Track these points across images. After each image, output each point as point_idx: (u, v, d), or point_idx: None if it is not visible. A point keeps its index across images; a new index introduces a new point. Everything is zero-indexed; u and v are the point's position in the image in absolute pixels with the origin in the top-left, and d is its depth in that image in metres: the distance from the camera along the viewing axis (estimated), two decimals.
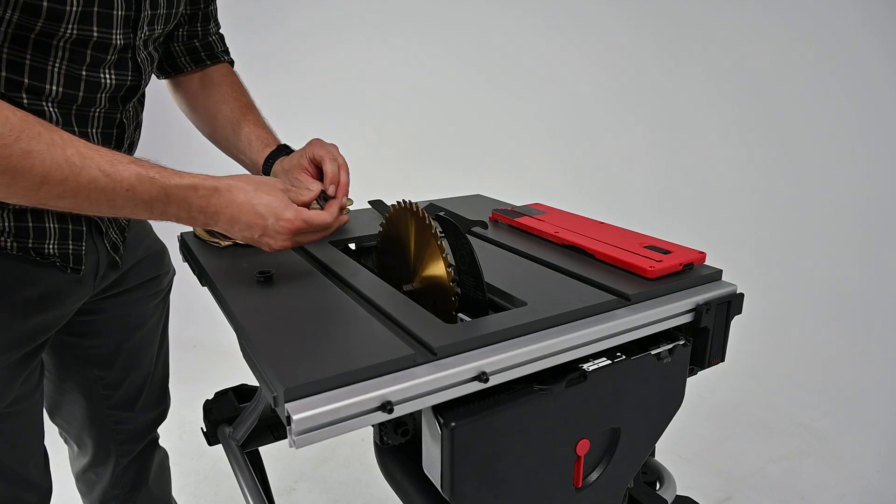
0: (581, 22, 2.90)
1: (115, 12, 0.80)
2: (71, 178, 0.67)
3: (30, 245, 0.83)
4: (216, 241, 1.02)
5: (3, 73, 0.75)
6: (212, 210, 0.76)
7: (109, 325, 1.07)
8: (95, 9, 0.77)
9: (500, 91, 3.05)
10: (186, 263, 1.07)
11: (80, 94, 0.82)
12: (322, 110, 3.15)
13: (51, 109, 0.80)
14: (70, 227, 0.88)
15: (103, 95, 0.85)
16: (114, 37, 0.82)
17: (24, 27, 0.73)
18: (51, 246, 0.86)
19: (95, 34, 0.79)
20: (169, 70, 1.12)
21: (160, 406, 1.23)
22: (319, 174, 0.99)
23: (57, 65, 0.78)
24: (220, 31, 1.15)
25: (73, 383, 1.10)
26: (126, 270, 1.05)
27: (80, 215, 0.90)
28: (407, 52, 3.10)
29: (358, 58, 3.16)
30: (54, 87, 0.79)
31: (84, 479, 1.22)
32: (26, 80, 0.76)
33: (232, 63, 1.18)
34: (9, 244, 0.82)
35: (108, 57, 0.83)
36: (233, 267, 0.93)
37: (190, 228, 1.10)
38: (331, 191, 0.93)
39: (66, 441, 1.21)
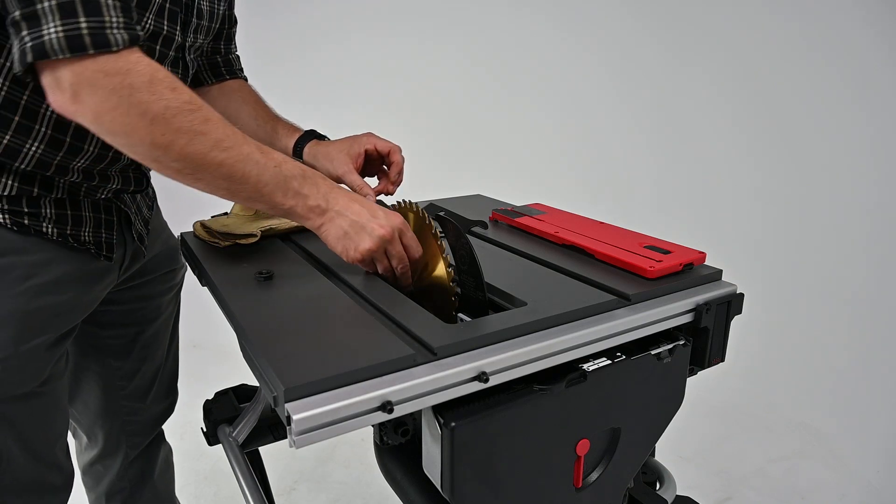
0: (581, 21, 2.91)
1: (179, 12, 0.89)
2: (235, 147, 0.75)
3: (68, 232, 0.88)
4: (216, 241, 1.02)
5: None
6: (333, 196, 0.85)
7: (128, 315, 1.12)
8: (168, 5, 0.85)
9: (500, 91, 3.05)
10: (186, 263, 1.08)
11: None
12: (320, 110, 3.15)
13: None
14: (103, 216, 0.94)
15: None
16: (177, 34, 0.89)
17: None
18: (86, 233, 0.91)
19: (166, 28, 0.86)
20: (189, 85, 1.15)
21: (169, 398, 1.27)
22: (365, 168, 1.08)
23: None
24: (237, 53, 1.23)
25: (90, 373, 1.14)
26: (145, 263, 1.09)
27: (112, 207, 0.96)
28: (406, 51, 3.10)
29: (357, 57, 3.16)
30: None
31: (91, 472, 1.24)
32: None
33: (246, 80, 1.25)
34: (49, 230, 0.86)
35: (170, 53, 0.90)
36: (233, 267, 0.93)
37: (190, 228, 1.11)
38: (390, 189, 1.09)
39: (74, 434, 1.23)
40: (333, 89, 3.18)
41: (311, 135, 1.13)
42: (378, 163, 1.11)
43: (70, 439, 1.20)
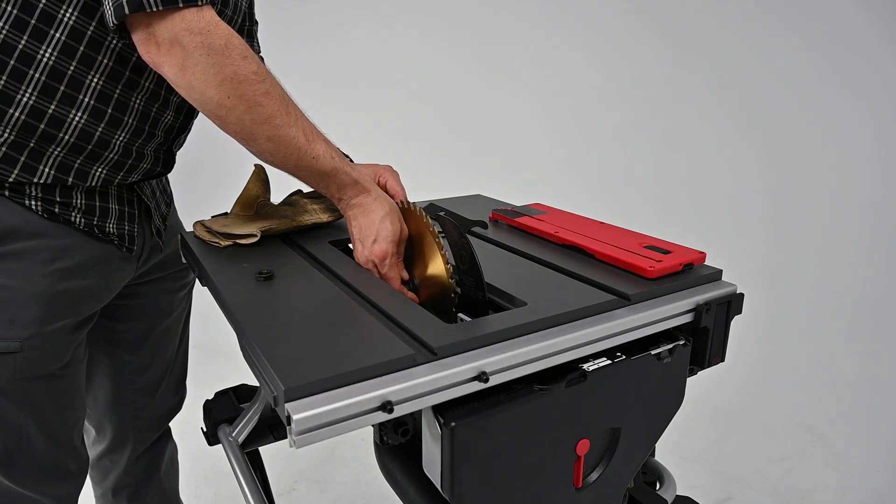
0: (582, 21, 2.91)
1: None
2: (284, 128, 0.82)
3: (94, 223, 0.92)
4: (216, 241, 1.02)
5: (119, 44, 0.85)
6: (356, 203, 0.93)
7: (141, 310, 1.16)
8: None
9: (500, 90, 3.05)
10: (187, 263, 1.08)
11: None
12: (319, 110, 3.14)
13: (148, 84, 0.91)
14: (126, 209, 0.98)
15: None
16: None
17: None
18: (111, 225, 0.95)
19: None
20: None
21: (178, 395, 1.30)
22: None
23: None
24: (261, 53, 1.25)
25: (101, 366, 1.17)
26: (161, 259, 1.13)
27: (134, 200, 1.00)
28: (406, 51, 3.10)
29: (356, 56, 3.16)
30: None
31: (98, 467, 1.26)
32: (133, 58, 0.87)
33: None
34: (77, 219, 0.90)
35: None
36: (233, 267, 0.93)
37: (190, 228, 1.11)
38: None
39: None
40: (333, 89, 3.18)
41: None
42: None
43: None
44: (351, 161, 1.17)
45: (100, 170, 0.90)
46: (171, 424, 1.32)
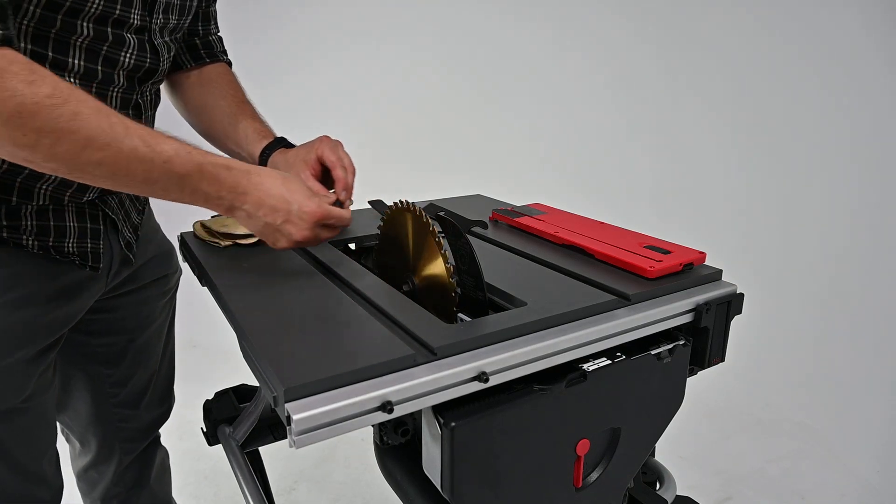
0: (580, 22, 2.91)
1: None
2: (114, 143, 0.68)
3: (50, 244, 0.85)
4: (216, 241, 1.02)
5: (29, 47, 0.75)
6: (241, 190, 0.78)
7: (119, 323, 1.09)
8: None
9: (499, 91, 3.06)
10: (186, 263, 1.07)
11: (99, 68, 0.83)
12: (321, 111, 3.15)
13: (74, 84, 0.81)
14: (89, 225, 0.90)
15: (121, 72, 0.86)
16: (132, 16, 0.84)
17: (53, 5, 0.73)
18: (70, 244, 0.88)
19: (118, 11, 0.81)
20: (170, 68, 1.12)
21: (164, 404, 1.24)
22: (323, 173, 1.03)
23: (80, 41, 0.79)
24: (219, 33, 1.18)
25: (79, 381, 1.11)
26: (136, 269, 1.06)
27: (98, 214, 0.92)
28: (406, 52, 3.11)
29: (356, 58, 3.16)
30: (76, 62, 0.80)
31: (85, 478, 1.22)
32: (50, 54, 0.77)
33: (230, 64, 1.19)
34: (30, 243, 0.83)
35: (127, 36, 0.85)
36: (233, 267, 0.93)
37: (190, 228, 1.10)
38: (342, 196, 0.99)
39: (67, 439, 1.21)
40: (335, 90, 3.18)
41: (279, 143, 1.08)
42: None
43: (64, 444, 1.18)
44: (283, 141, 1.08)
45: (44, 187, 0.82)
46: (170, 425, 1.30)
